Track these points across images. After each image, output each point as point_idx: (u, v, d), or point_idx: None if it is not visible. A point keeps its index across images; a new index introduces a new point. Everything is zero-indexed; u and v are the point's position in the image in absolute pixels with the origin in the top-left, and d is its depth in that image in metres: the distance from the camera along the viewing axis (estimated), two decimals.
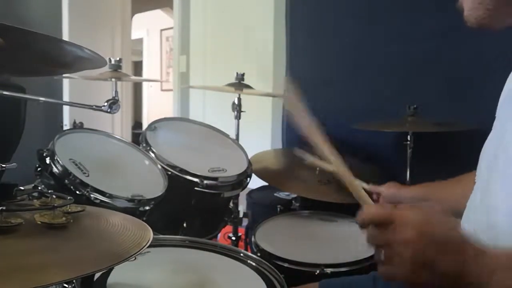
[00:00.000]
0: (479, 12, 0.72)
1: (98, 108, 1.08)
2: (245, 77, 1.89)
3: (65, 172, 1.22)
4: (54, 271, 0.53)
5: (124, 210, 1.19)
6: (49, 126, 3.23)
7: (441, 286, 0.59)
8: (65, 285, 0.87)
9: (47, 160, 1.25)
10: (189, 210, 1.53)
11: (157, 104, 6.50)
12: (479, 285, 0.56)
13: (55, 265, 0.54)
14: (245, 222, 1.96)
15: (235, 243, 1.87)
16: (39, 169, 1.27)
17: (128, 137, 3.84)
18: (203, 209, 1.57)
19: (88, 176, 1.27)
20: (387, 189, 1.27)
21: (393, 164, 1.82)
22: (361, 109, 2.13)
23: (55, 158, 1.24)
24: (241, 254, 1.14)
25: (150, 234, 0.66)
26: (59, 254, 0.58)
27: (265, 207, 1.95)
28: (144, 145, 1.53)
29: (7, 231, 0.60)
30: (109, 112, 1.08)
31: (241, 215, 1.90)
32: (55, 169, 1.23)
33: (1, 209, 0.61)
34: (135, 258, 0.60)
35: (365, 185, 1.29)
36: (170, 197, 1.37)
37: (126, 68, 3.70)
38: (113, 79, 1.64)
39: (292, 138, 2.51)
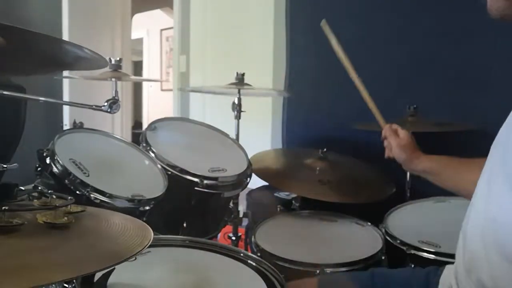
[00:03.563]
0: (499, 4, 0.72)
1: (98, 108, 1.08)
2: (245, 77, 1.89)
3: (65, 172, 1.22)
4: (56, 269, 0.53)
5: (124, 210, 1.19)
6: (49, 126, 3.23)
7: None
8: (65, 285, 0.87)
9: (47, 160, 1.25)
10: (189, 210, 1.53)
11: (157, 104, 6.50)
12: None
13: (57, 264, 0.55)
14: (245, 222, 1.96)
15: (235, 243, 1.87)
16: (39, 169, 1.27)
17: (128, 137, 3.84)
18: (203, 209, 1.57)
19: (88, 176, 1.27)
20: (401, 150, 1.23)
21: (393, 164, 1.82)
22: (361, 109, 2.13)
23: (55, 158, 1.24)
24: (241, 254, 1.13)
25: (151, 234, 0.66)
26: (61, 253, 0.58)
27: (265, 207, 1.95)
28: (144, 145, 1.53)
29: (9, 230, 0.61)
30: (109, 112, 1.08)
31: (241, 215, 1.90)
32: (55, 169, 1.23)
33: (4, 208, 0.62)
34: (136, 258, 0.60)
35: (382, 123, 1.33)
36: (170, 197, 1.37)
37: (126, 68, 3.70)
38: (113, 79, 1.64)
39: (292, 138, 2.51)
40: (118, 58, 1.70)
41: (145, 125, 2.67)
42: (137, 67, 6.88)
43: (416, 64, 2.01)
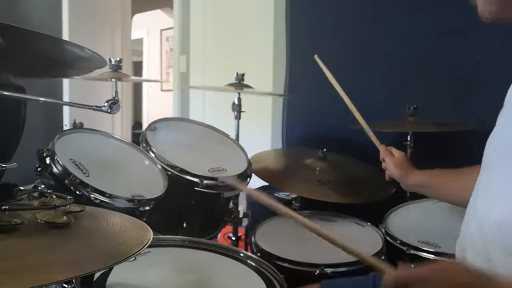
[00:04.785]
0: (492, 7, 0.72)
1: (98, 108, 1.08)
2: (245, 77, 1.89)
3: (65, 172, 1.22)
4: (57, 270, 0.53)
5: (124, 210, 1.19)
6: (49, 126, 3.23)
7: None
8: (64, 285, 0.87)
9: (47, 160, 1.25)
10: (189, 210, 1.53)
11: (157, 104, 6.51)
12: None
13: (57, 264, 0.55)
14: (245, 222, 1.96)
15: (235, 243, 1.87)
16: (39, 169, 1.27)
17: (128, 137, 3.84)
18: (203, 209, 1.57)
19: (88, 176, 1.27)
20: (396, 167, 1.28)
21: None
22: (361, 109, 2.13)
23: (55, 158, 1.24)
24: (241, 254, 1.14)
25: (150, 234, 0.66)
26: (61, 253, 0.59)
27: (265, 207, 1.94)
28: (144, 145, 1.53)
29: (8, 230, 0.61)
30: (109, 112, 1.08)
31: (241, 215, 1.90)
32: (55, 169, 1.23)
33: (4, 208, 0.62)
34: (135, 258, 0.60)
35: (378, 144, 1.35)
36: (170, 197, 1.37)
37: (126, 68, 3.70)
38: (113, 79, 1.64)
39: (292, 138, 2.51)
40: (118, 59, 1.70)
41: (145, 125, 2.67)
42: (137, 67, 6.89)
43: (416, 64, 2.01)
